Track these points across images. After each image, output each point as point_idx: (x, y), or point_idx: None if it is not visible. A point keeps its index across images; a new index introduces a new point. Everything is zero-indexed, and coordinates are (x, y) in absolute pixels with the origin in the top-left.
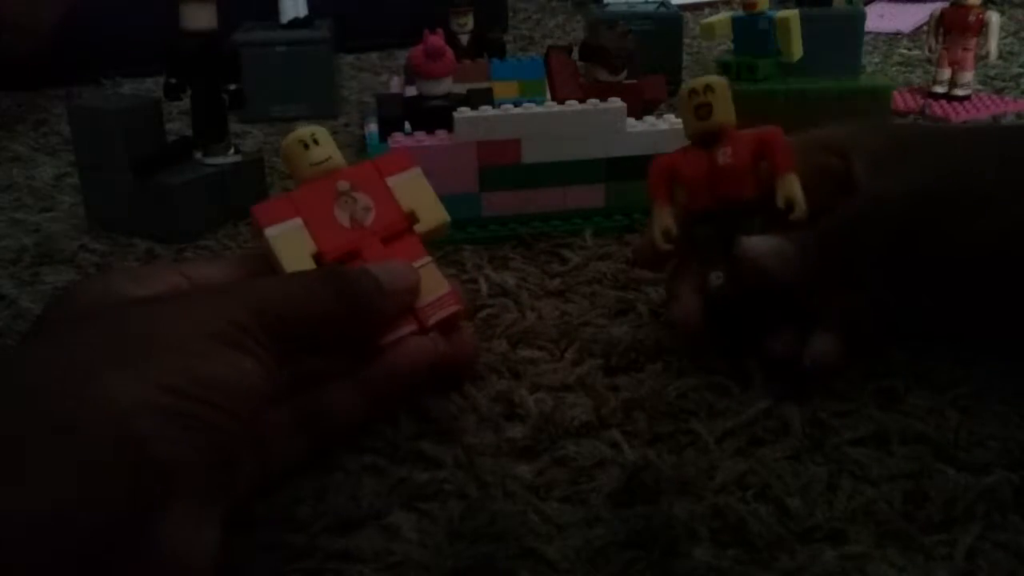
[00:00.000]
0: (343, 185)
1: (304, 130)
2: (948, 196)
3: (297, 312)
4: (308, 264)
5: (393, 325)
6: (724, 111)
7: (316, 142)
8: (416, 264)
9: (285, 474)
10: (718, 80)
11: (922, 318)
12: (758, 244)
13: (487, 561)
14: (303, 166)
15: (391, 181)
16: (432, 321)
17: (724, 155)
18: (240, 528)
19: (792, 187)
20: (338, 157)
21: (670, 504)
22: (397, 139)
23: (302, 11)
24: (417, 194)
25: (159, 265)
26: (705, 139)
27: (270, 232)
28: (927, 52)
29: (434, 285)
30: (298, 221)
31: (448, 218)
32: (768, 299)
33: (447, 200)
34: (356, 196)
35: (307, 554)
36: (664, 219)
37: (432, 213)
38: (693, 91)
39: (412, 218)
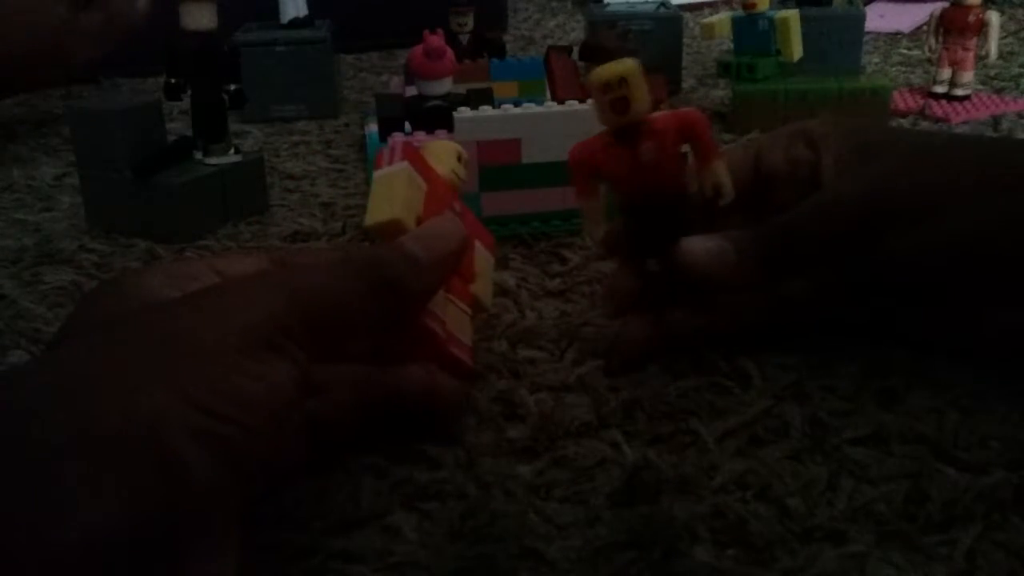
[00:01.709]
0: (457, 207)
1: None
2: (898, 205)
3: (337, 306)
4: (412, 214)
5: (425, 310)
6: (640, 101)
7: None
8: (460, 305)
9: (285, 475)
10: (630, 67)
11: (875, 318)
12: (698, 246)
13: (487, 561)
14: (447, 164)
15: (477, 244)
16: (452, 349)
17: (647, 152)
18: (240, 528)
19: (719, 173)
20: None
21: (670, 504)
22: (397, 139)
23: (302, 11)
24: (485, 269)
25: (192, 262)
26: (627, 134)
27: (401, 166)
28: (927, 52)
29: (464, 331)
30: (424, 186)
31: (490, 309)
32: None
33: None
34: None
35: (307, 554)
36: (595, 212)
37: (485, 289)
38: (607, 85)
39: (473, 277)
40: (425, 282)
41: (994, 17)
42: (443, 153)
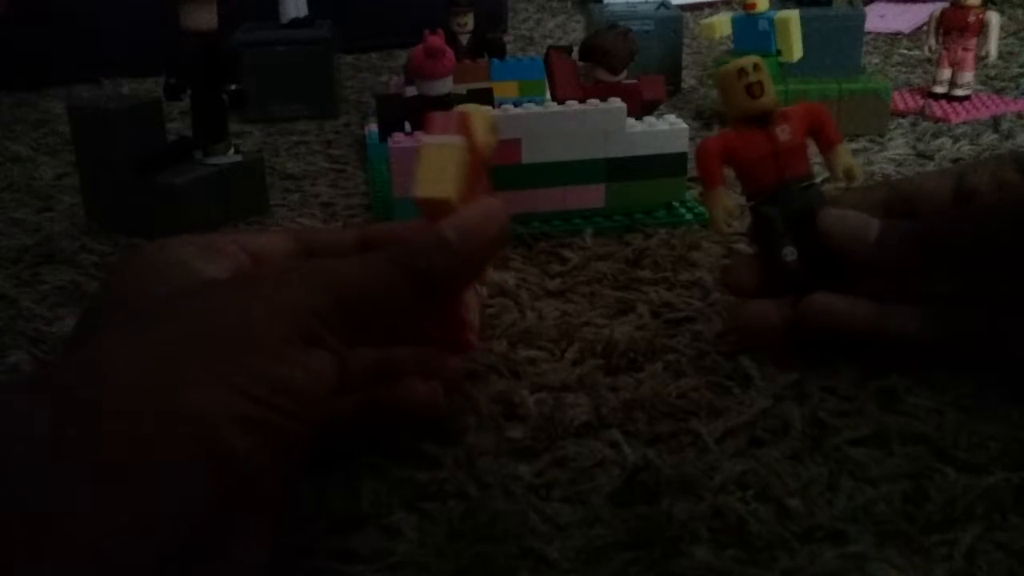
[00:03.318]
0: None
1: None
2: None
3: (374, 298)
4: (460, 192)
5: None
6: (770, 88)
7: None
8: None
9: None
10: (761, 60)
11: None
12: (839, 213)
13: (487, 561)
14: (484, 135)
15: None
16: (468, 335)
17: (783, 132)
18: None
19: (846, 157)
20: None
21: (670, 504)
22: (397, 139)
23: (302, 11)
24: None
25: (218, 236)
26: (757, 118)
27: (456, 140)
28: (927, 52)
29: (474, 311)
30: (469, 159)
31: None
32: (843, 275)
33: None
34: None
35: (307, 554)
36: (724, 201)
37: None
38: (743, 70)
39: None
40: (461, 273)
41: (994, 17)
42: (483, 123)
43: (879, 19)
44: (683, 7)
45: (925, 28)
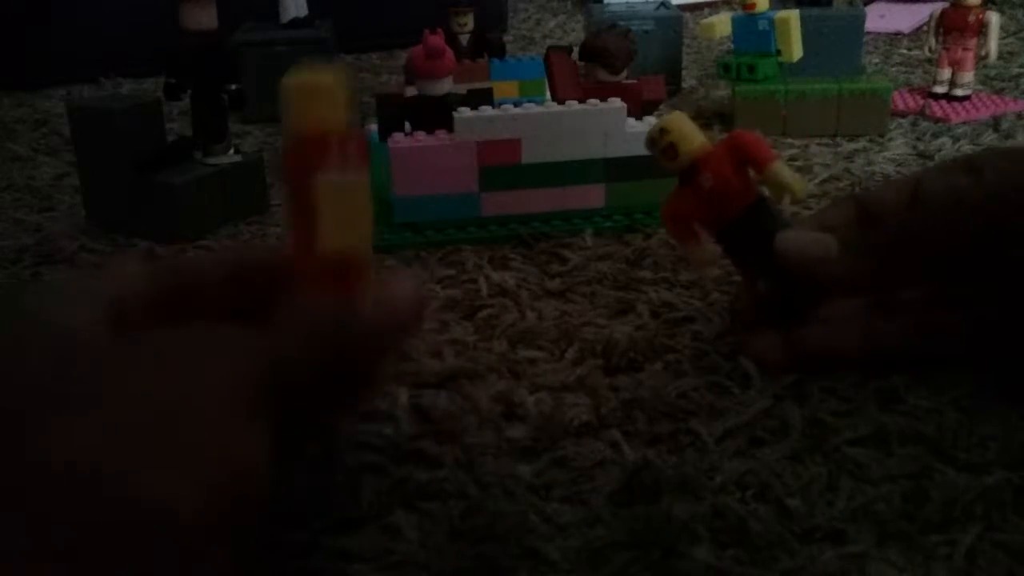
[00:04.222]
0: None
1: None
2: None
3: (302, 376)
4: (369, 248)
5: None
6: (688, 143)
7: None
8: None
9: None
10: (668, 120)
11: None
12: (794, 234)
13: (487, 561)
14: (339, 116)
15: None
16: None
17: (707, 180)
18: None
19: (777, 174)
20: None
21: (670, 504)
22: (397, 139)
23: (302, 11)
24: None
25: (80, 280)
26: (688, 173)
27: (360, 179)
28: (927, 52)
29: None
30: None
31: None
32: (822, 290)
33: (447, 200)
34: None
35: (308, 553)
36: (699, 253)
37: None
38: (651, 140)
39: None
40: (380, 350)
41: (994, 17)
42: (330, 101)
43: (879, 19)
44: (683, 7)
45: (925, 28)
